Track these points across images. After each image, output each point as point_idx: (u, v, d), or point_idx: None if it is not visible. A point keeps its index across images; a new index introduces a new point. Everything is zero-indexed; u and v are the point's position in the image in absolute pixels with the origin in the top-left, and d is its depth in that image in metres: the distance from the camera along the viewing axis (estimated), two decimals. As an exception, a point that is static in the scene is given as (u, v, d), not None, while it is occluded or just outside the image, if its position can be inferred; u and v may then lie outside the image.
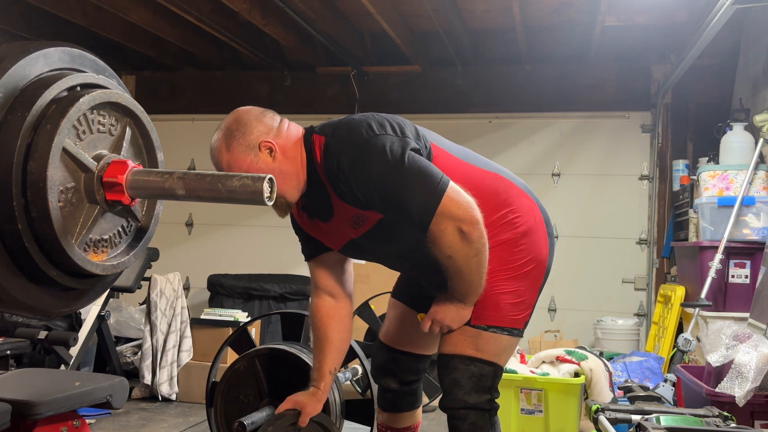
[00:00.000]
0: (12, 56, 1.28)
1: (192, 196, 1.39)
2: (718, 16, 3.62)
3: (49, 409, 2.02)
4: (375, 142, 1.79)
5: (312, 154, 1.87)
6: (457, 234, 1.76)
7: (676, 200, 5.20)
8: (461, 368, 1.92)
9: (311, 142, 1.88)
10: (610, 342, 4.96)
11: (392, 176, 1.76)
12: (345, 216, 1.89)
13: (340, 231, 1.95)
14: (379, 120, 1.85)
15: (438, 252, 1.80)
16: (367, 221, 1.87)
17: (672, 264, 5.19)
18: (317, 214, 1.98)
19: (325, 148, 1.83)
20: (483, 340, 1.92)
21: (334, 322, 2.10)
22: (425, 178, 1.76)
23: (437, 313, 1.92)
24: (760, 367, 2.59)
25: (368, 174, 1.77)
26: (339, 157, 1.79)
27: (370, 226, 1.88)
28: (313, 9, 4.68)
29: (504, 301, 1.92)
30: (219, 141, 1.87)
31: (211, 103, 6.18)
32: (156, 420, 3.87)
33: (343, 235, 1.96)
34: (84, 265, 1.36)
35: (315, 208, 1.97)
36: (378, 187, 1.77)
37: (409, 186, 1.76)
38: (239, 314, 4.43)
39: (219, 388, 2.67)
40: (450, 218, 1.75)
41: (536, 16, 4.98)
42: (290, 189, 1.89)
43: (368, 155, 1.78)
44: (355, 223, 1.89)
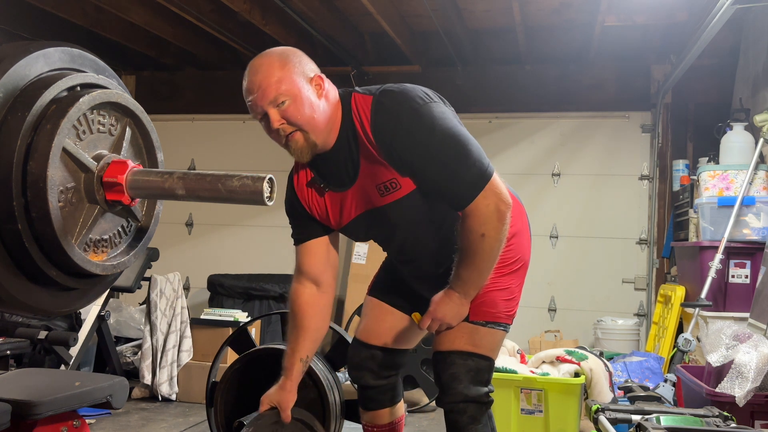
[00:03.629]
0: (12, 56, 1.28)
1: (192, 196, 1.39)
2: (718, 16, 3.62)
3: (49, 409, 2.02)
4: (434, 109, 1.78)
5: (349, 114, 1.84)
6: (496, 212, 1.77)
7: (676, 200, 5.20)
8: (459, 363, 1.96)
9: (349, 102, 1.85)
10: (610, 342, 4.96)
11: (450, 146, 1.75)
12: (373, 181, 1.84)
13: (360, 198, 1.90)
14: (427, 90, 1.85)
15: (470, 229, 1.78)
16: (399, 189, 1.83)
17: (672, 264, 5.19)
18: (335, 182, 1.92)
19: (376, 105, 1.80)
20: (480, 336, 1.97)
21: (313, 311, 2.07)
22: (479, 153, 1.78)
23: (437, 312, 1.92)
24: (760, 367, 2.59)
25: (426, 138, 1.75)
26: (398, 115, 1.76)
27: (400, 195, 1.84)
28: (313, 9, 4.68)
29: (499, 297, 1.98)
30: (271, 59, 1.80)
31: (211, 103, 6.18)
32: (156, 420, 3.87)
33: (359, 204, 1.91)
34: (84, 265, 1.36)
35: (335, 174, 1.90)
36: (432, 154, 1.76)
37: (464, 157, 1.75)
38: (239, 314, 4.43)
39: (219, 388, 2.67)
40: (495, 196, 1.77)
41: (536, 16, 4.98)
42: (321, 132, 1.82)
43: (429, 120, 1.75)
44: (384, 189, 1.84)
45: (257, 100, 1.78)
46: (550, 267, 5.48)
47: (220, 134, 6.17)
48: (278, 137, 1.83)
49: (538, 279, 5.47)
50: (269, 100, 1.77)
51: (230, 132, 6.15)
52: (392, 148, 1.78)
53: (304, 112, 1.77)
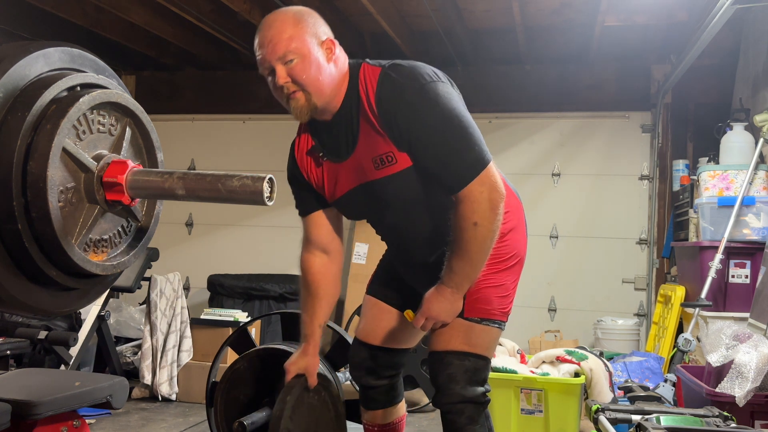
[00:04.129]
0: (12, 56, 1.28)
1: (192, 196, 1.39)
2: (718, 16, 3.62)
3: (49, 409, 2.02)
4: (440, 88, 1.79)
5: (355, 83, 1.84)
6: (489, 200, 1.77)
7: (676, 200, 5.20)
8: (456, 363, 1.94)
9: (357, 72, 1.85)
10: (610, 342, 4.95)
11: (452, 125, 1.76)
12: (370, 152, 1.84)
13: (355, 171, 1.89)
14: (436, 70, 1.86)
15: (463, 216, 1.78)
16: (395, 164, 1.82)
17: (672, 264, 5.19)
18: (333, 152, 1.91)
19: (383, 77, 1.80)
20: (475, 334, 1.95)
21: (326, 279, 2.10)
22: (479, 139, 1.78)
23: (431, 310, 1.91)
24: (760, 367, 2.59)
25: (428, 114, 1.76)
26: (403, 89, 1.76)
27: (394, 170, 1.83)
28: (313, 9, 4.67)
29: (493, 294, 1.96)
30: (286, 16, 1.82)
31: (211, 103, 6.18)
32: (156, 420, 3.87)
33: (355, 176, 1.89)
34: (84, 265, 1.36)
35: (334, 143, 1.91)
36: (433, 131, 1.76)
37: (464, 139, 1.76)
38: (239, 314, 4.43)
39: (219, 388, 2.67)
40: (489, 184, 1.77)
41: (536, 16, 4.98)
42: (324, 96, 1.82)
43: (434, 97, 1.76)
44: (380, 162, 1.83)
45: (266, 54, 1.79)
46: (550, 267, 5.48)
47: (220, 134, 6.17)
48: (281, 94, 1.83)
49: (538, 279, 5.47)
50: (278, 56, 1.78)
51: (230, 132, 6.15)
52: (393, 121, 1.78)
53: (310, 72, 1.78)
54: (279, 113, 6.04)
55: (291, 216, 6.68)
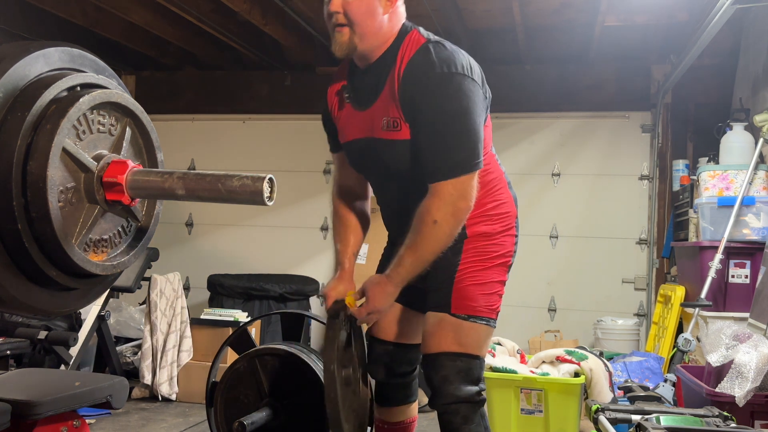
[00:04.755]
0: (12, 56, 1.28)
1: (192, 196, 1.39)
2: (718, 16, 3.62)
3: (49, 409, 2.02)
4: (465, 83, 1.84)
5: (398, 45, 1.91)
6: (453, 206, 1.83)
7: (676, 200, 5.20)
8: (448, 365, 1.96)
9: (405, 35, 1.93)
10: (610, 342, 4.95)
11: (456, 121, 1.82)
12: (384, 112, 1.91)
13: (366, 123, 1.97)
14: (474, 64, 1.92)
15: (426, 209, 1.84)
16: (398, 132, 1.89)
17: (672, 264, 5.19)
18: (357, 100, 2.00)
19: (423, 49, 1.86)
20: (464, 333, 1.97)
21: (355, 210, 2.20)
22: (475, 146, 1.85)
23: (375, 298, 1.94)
24: (760, 367, 2.59)
25: (441, 100, 1.82)
26: (432, 67, 1.82)
27: (396, 137, 1.90)
28: (313, 9, 4.68)
29: (478, 291, 1.99)
30: None
31: (211, 103, 6.18)
32: (156, 420, 3.87)
33: (365, 128, 1.98)
34: (84, 265, 1.36)
35: (360, 91, 1.99)
36: (437, 117, 1.82)
37: (461, 139, 1.83)
38: (239, 314, 4.43)
39: (219, 388, 2.67)
40: (462, 191, 1.83)
41: (536, 16, 4.98)
42: (367, 41, 1.90)
43: (454, 88, 1.82)
44: (387, 124, 1.91)
45: None
46: (550, 267, 5.48)
47: (220, 134, 6.17)
48: (329, 23, 1.91)
49: (538, 279, 5.47)
50: None
51: (230, 132, 6.15)
52: (410, 92, 1.85)
53: (362, 12, 1.86)
54: (279, 113, 6.10)
55: (291, 216, 6.69)
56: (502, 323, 5.66)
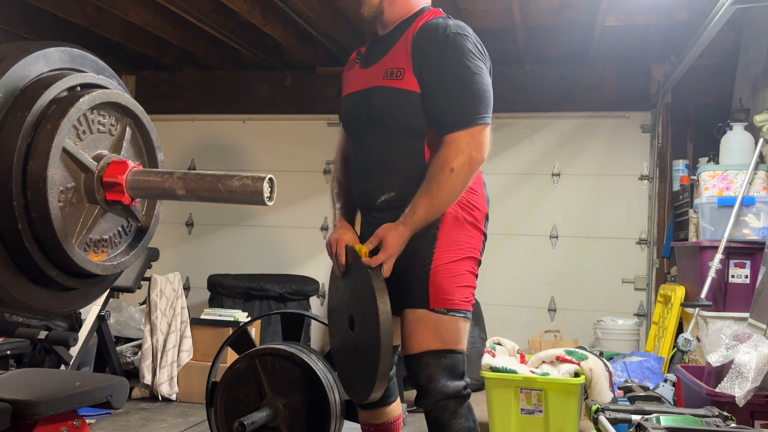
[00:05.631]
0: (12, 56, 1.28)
1: (192, 196, 1.39)
2: (718, 16, 3.62)
3: (49, 409, 2.02)
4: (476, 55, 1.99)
5: (416, 16, 2.06)
6: (469, 155, 1.91)
7: (676, 200, 5.20)
8: (433, 363, 1.97)
9: (425, 10, 2.10)
10: (610, 342, 4.95)
11: (474, 75, 1.95)
12: (388, 64, 2.02)
13: (368, 76, 2.08)
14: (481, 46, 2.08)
15: (444, 159, 1.90)
16: (399, 80, 1.97)
17: (672, 264, 5.19)
18: (366, 60, 2.13)
19: (442, 18, 2.05)
20: (445, 329, 1.98)
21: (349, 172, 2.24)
22: (489, 101, 1.99)
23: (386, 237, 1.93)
24: (760, 367, 2.59)
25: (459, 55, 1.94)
26: (448, 27, 1.97)
27: (396, 85, 1.98)
28: (313, 9, 4.68)
29: (453, 284, 2.00)
30: None
31: (211, 103, 6.18)
32: (156, 420, 3.87)
33: (366, 80, 2.08)
34: (84, 265, 1.36)
35: (371, 53, 2.13)
36: (458, 70, 1.93)
37: (477, 93, 1.95)
38: (239, 314, 4.43)
39: (219, 388, 2.67)
40: (478, 142, 1.93)
41: (536, 16, 4.98)
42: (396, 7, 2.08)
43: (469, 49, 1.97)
44: (389, 73, 2.00)
45: None
46: (550, 267, 5.48)
47: (220, 134, 6.17)
48: None
49: (538, 279, 5.47)
50: None
51: (230, 132, 6.15)
52: (423, 45, 1.95)
53: None
54: (279, 113, 6.11)
55: (291, 216, 6.68)
56: (502, 323, 5.70)
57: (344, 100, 2.19)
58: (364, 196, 2.13)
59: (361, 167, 2.15)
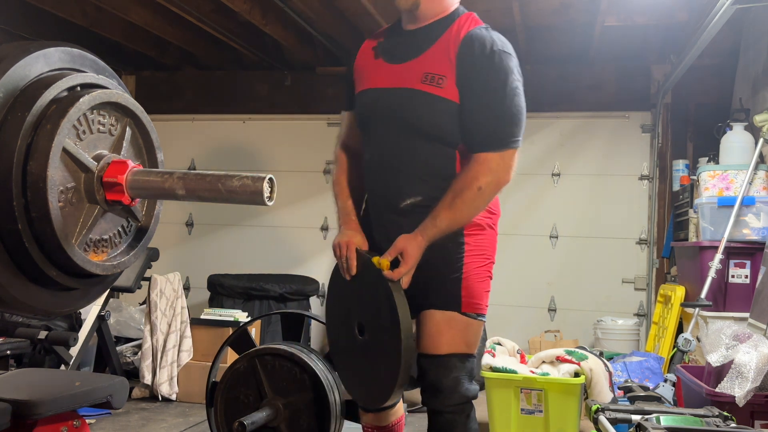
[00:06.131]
0: (12, 56, 1.28)
1: (192, 196, 1.39)
2: (718, 16, 3.62)
3: (49, 409, 2.02)
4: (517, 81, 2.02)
5: (453, 18, 2.01)
6: (498, 177, 1.92)
7: (676, 200, 5.20)
8: (459, 366, 1.99)
9: (461, 13, 2.03)
10: (610, 342, 4.95)
11: (514, 97, 1.98)
12: (426, 67, 1.96)
13: (399, 74, 2.01)
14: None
15: (473, 175, 1.90)
16: (439, 88, 1.93)
17: (672, 264, 5.19)
18: (391, 54, 2.05)
19: (485, 28, 1.98)
20: (471, 332, 2.02)
21: (357, 169, 2.19)
22: (522, 127, 2.01)
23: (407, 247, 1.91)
24: (760, 367, 2.59)
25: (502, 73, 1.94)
26: (494, 42, 1.93)
27: (434, 92, 1.94)
28: (313, 9, 4.68)
29: (482, 288, 2.04)
30: None
31: (211, 103, 6.18)
32: (156, 420, 3.87)
33: (396, 78, 2.01)
34: (84, 265, 1.36)
35: (398, 48, 2.05)
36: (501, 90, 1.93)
37: (514, 116, 1.97)
38: (239, 314, 4.43)
39: (219, 388, 2.67)
40: (507, 165, 1.93)
41: (536, 16, 4.98)
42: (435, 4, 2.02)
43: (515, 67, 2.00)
44: (429, 78, 1.95)
45: None
46: (550, 267, 5.48)
47: (220, 134, 6.17)
48: None
49: (538, 279, 5.47)
50: None
51: (230, 132, 6.15)
52: (470, 59, 1.91)
53: None
54: (279, 113, 6.11)
55: (291, 216, 6.67)
56: (502, 323, 5.69)
57: (365, 94, 2.09)
58: (384, 198, 2.07)
59: (381, 167, 2.06)
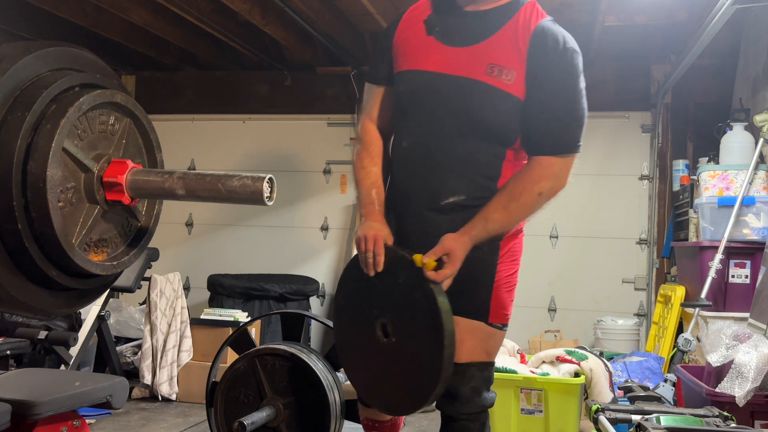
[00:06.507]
0: (12, 56, 1.29)
1: (192, 196, 1.39)
2: (718, 16, 3.62)
3: (49, 409, 2.02)
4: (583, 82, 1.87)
5: (518, 5, 1.86)
6: (556, 182, 1.83)
7: (676, 200, 5.20)
8: (478, 375, 1.96)
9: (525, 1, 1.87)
10: (610, 342, 4.95)
11: (581, 102, 1.84)
12: (491, 58, 1.82)
13: (458, 60, 1.85)
14: None
15: (532, 179, 1.81)
16: (504, 83, 1.80)
17: (672, 264, 5.19)
18: (447, 36, 1.88)
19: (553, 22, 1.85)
20: (493, 342, 1.97)
21: (383, 150, 2.01)
22: (582, 133, 1.87)
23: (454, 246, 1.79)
24: (760, 367, 2.59)
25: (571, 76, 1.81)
26: (568, 42, 1.81)
27: (499, 86, 1.80)
28: (313, 9, 4.68)
29: (509, 298, 1.99)
30: None
31: (211, 103, 6.18)
32: (156, 420, 3.87)
33: (453, 64, 1.85)
34: (84, 265, 1.36)
35: (454, 29, 1.88)
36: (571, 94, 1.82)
37: (581, 119, 1.85)
38: (239, 314, 4.43)
39: (219, 388, 2.67)
40: (566, 171, 1.84)
41: (536, 16, 4.97)
42: None
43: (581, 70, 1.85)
44: (494, 70, 1.81)
45: None
46: (550, 267, 5.48)
47: (220, 134, 6.17)
48: None
49: (538, 279, 5.46)
50: None
51: (230, 132, 6.15)
52: (543, 56, 1.79)
53: None
54: (279, 113, 6.10)
55: (291, 216, 6.65)
56: (502, 323, 5.62)
57: (413, 75, 1.89)
58: (423, 192, 1.90)
59: (423, 159, 1.89)
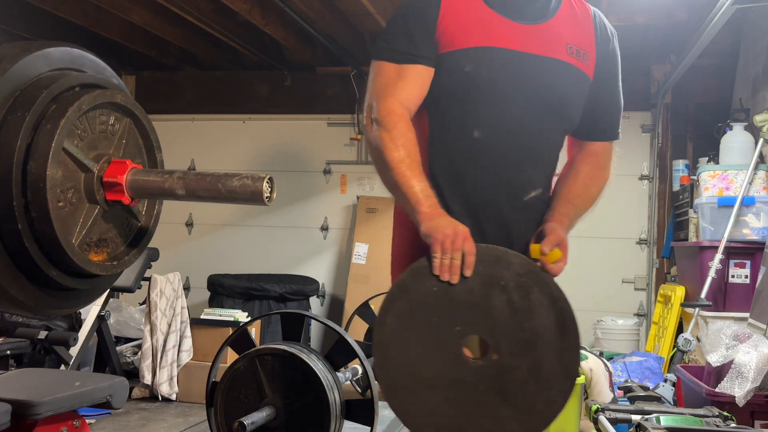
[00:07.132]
0: (12, 56, 1.28)
1: (192, 196, 1.39)
2: (718, 16, 3.62)
3: (49, 409, 2.02)
4: None
5: None
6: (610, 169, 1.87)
7: (676, 200, 5.20)
8: None
9: None
10: (610, 342, 4.95)
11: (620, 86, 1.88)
12: (567, 37, 1.71)
13: (532, 37, 1.67)
14: None
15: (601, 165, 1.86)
16: (583, 64, 1.72)
17: (672, 264, 5.19)
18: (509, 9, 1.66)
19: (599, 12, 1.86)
20: None
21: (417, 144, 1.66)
22: None
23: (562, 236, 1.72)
24: (760, 367, 2.59)
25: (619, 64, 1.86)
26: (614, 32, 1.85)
27: (581, 67, 1.72)
28: (313, 9, 4.68)
29: None
30: None
31: (211, 103, 6.18)
32: (156, 420, 3.87)
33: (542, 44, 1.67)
34: (84, 265, 1.36)
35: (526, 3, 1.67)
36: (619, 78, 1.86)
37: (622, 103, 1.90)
38: (239, 314, 4.43)
39: (219, 388, 2.67)
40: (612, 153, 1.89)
41: (536, 16, 4.97)
42: None
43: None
44: (574, 52, 1.70)
45: None
46: (550, 267, 5.47)
47: (220, 134, 6.17)
48: None
49: (538, 279, 5.46)
50: None
51: (230, 132, 6.15)
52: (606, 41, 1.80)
53: None
54: (279, 113, 6.10)
55: (291, 216, 6.65)
56: (502, 323, 5.62)
57: (481, 53, 1.63)
58: (505, 188, 1.70)
59: (504, 151, 1.68)
